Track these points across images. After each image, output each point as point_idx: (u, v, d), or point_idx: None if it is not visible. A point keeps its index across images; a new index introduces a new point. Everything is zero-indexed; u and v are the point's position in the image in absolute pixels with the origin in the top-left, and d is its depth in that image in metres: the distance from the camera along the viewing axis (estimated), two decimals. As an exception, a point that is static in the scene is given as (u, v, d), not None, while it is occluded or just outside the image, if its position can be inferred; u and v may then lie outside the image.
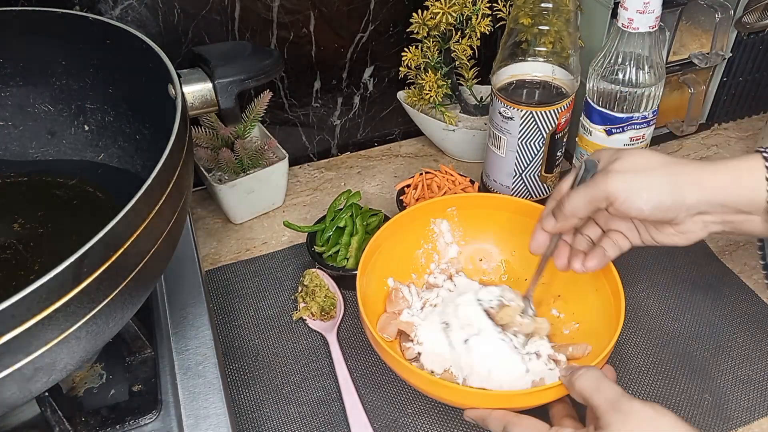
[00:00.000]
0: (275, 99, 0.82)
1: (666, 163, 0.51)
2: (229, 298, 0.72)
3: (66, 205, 0.60)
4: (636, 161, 0.51)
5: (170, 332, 0.58)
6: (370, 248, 0.63)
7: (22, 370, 0.38)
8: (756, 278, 0.72)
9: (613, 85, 0.67)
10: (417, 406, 0.61)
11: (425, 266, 0.70)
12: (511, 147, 0.73)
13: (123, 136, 0.62)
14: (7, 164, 0.63)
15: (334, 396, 0.62)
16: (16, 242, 0.57)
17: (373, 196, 0.85)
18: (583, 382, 0.49)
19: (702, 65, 0.82)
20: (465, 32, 0.80)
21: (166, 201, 0.45)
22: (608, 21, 0.74)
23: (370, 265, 0.63)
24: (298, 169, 0.90)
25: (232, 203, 0.79)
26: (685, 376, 0.63)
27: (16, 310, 0.35)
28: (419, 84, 0.84)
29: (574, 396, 0.51)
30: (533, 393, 0.53)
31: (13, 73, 0.61)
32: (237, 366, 0.65)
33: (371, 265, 0.64)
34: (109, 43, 0.57)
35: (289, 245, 0.78)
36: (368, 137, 0.94)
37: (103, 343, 0.45)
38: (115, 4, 0.70)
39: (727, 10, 0.77)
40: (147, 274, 0.45)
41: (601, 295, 0.61)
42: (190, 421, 0.51)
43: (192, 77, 0.55)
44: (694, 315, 0.69)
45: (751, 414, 0.60)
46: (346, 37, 0.83)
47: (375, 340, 0.56)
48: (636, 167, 0.51)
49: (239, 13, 0.76)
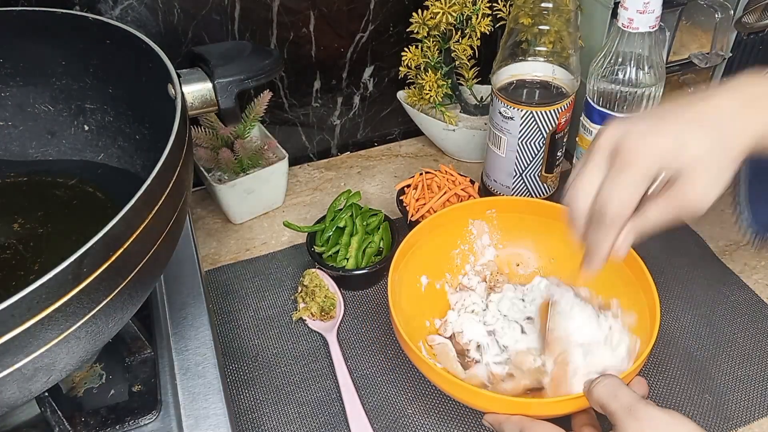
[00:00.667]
0: (275, 99, 0.82)
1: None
2: (229, 298, 0.72)
3: (66, 205, 0.60)
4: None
5: (170, 332, 0.58)
6: (406, 244, 0.63)
7: (22, 370, 0.38)
8: (756, 278, 0.72)
9: (614, 85, 0.67)
10: (417, 406, 0.61)
11: (460, 267, 0.70)
12: (512, 147, 0.73)
13: (123, 136, 0.62)
14: (7, 164, 0.63)
15: (334, 396, 0.62)
16: (16, 242, 0.57)
17: (373, 196, 0.85)
18: (601, 389, 0.49)
19: (702, 65, 0.81)
20: (465, 32, 0.80)
21: (166, 201, 0.45)
22: (608, 21, 0.74)
23: (403, 262, 0.63)
24: (298, 169, 0.90)
25: (231, 203, 0.79)
26: (685, 376, 0.63)
27: (16, 310, 0.35)
28: (419, 84, 0.84)
29: (592, 405, 0.50)
30: (556, 402, 0.53)
31: (13, 73, 0.61)
32: (237, 366, 0.65)
33: (405, 262, 0.63)
34: (109, 43, 0.57)
35: (289, 245, 0.78)
36: (368, 137, 0.94)
37: (103, 343, 0.45)
38: (115, 4, 0.70)
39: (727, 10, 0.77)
40: (147, 274, 0.45)
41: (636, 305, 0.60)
42: (190, 422, 0.51)
43: (192, 77, 0.55)
44: (694, 315, 0.68)
45: (751, 414, 0.60)
46: (346, 37, 0.83)
47: (402, 338, 0.56)
48: (705, 164, 0.44)
49: (239, 13, 0.76)
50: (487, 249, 0.70)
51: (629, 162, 0.44)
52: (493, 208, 0.69)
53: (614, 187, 0.44)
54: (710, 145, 0.44)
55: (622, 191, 0.44)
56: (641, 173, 0.44)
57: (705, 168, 0.44)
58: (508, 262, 0.71)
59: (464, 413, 0.60)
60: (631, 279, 0.61)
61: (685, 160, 0.44)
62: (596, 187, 0.46)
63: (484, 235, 0.70)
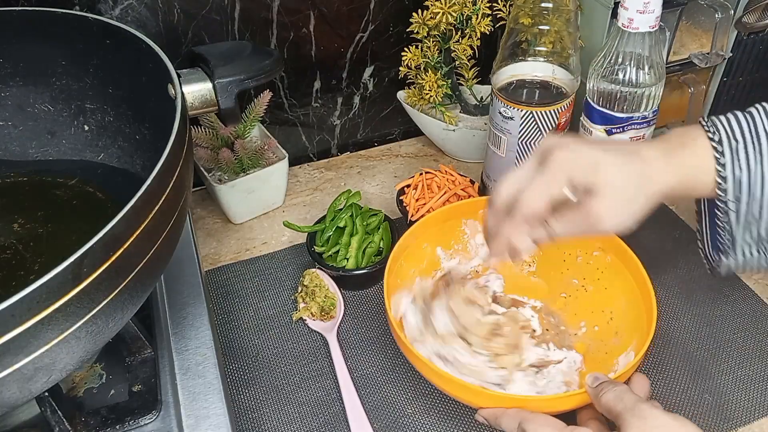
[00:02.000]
0: (275, 99, 0.82)
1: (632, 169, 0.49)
2: (229, 298, 0.72)
3: (66, 205, 0.60)
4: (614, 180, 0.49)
5: (170, 332, 0.58)
6: (399, 248, 0.63)
7: (22, 370, 0.38)
8: (756, 278, 0.72)
9: (614, 85, 0.67)
10: (417, 406, 0.61)
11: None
12: (512, 147, 0.73)
13: (123, 136, 0.62)
14: (7, 164, 0.63)
15: (334, 396, 0.62)
16: (16, 242, 0.57)
17: (373, 196, 0.85)
18: (609, 396, 0.50)
19: (702, 65, 0.81)
20: (465, 32, 0.80)
21: (166, 201, 0.45)
22: (608, 21, 0.74)
23: (397, 265, 0.63)
24: (298, 169, 0.90)
25: (232, 203, 0.79)
26: (685, 376, 0.63)
27: (16, 310, 0.35)
28: (419, 84, 0.84)
29: (600, 410, 0.51)
30: (554, 399, 0.53)
31: (13, 73, 0.61)
32: (237, 366, 0.65)
33: (399, 264, 0.63)
34: (109, 43, 0.57)
35: (289, 245, 0.78)
36: (368, 137, 0.94)
37: (103, 343, 0.45)
38: (115, 4, 0.70)
39: (727, 10, 0.77)
40: (147, 274, 0.45)
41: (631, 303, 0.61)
42: (190, 421, 0.51)
43: (192, 77, 0.55)
44: (694, 315, 0.68)
45: (751, 414, 0.60)
46: (346, 37, 0.83)
47: (399, 338, 0.56)
48: (615, 188, 0.48)
49: (239, 13, 0.76)
50: (480, 248, 0.70)
51: (547, 168, 0.49)
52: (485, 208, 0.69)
53: (529, 186, 0.49)
54: (624, 176, 0.48)
55: (534, 191, 0.49)
56: (555, 179, 0.48)
57: (613, 193, 0.48)
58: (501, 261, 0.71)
59: (464, 412, 0.60)
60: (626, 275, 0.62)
61: (597, 180, 0.48)
62: (519, 184, 0.50)
63: (478, 235, 0.70)
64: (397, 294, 0.62)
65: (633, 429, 0.46)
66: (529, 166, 0.50)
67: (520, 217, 0.50)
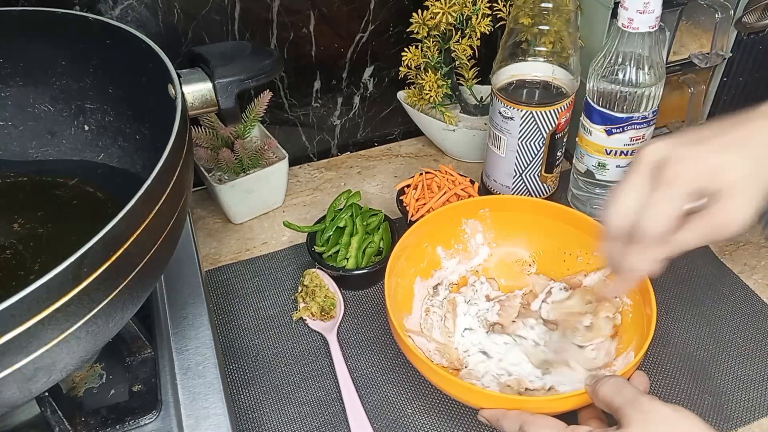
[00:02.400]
0: (275, 99, 0.82)
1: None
2: (229, 298, 0.72)
3: (66, 205, 0.60)
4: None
5: (170, 332, 0.58)
6: (399, 247, 0.63)
7: (22, 370, 0.38)
8: (756, 278, 0.72)
9: (613, 85, 0.67)
10: (417, 406, 0.61)
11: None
12: (511, 147, 0.73)
13: (123, 136, 0.62)
14: (7, 164, 0.63)
15: (334, 396, 0.62)
16: (16, 242, 0.57)
17: (373, 196, 0.85)
18: (606, 388, 0.49)
19: (702, 65, 0.81)
20: (465, 32, 0.80)
21: (166, 201, 0.45)
22: (608, 21, 0.74)
23: (398, 265, 0.63)
24: (298, 169, 0.90)
25: (232, 203, 0.79)
26: (685, 376, 0.63)
27: (16, 310, 0.35)
28: (419, 84, 0.84)
29: (598, 404, 0.51)
30: (555, 400, 0.53)
31: (13, 73, 0.61)
32: (237, 366, 0.65)
33: (399, 265, 0.63)
34: (109, 43, 0.57)
35: (289, 245, 0.78)
36: (368, 137, 0.94)
37: (103, 343, 0.45)
38: (115, 4, 0.70)
39: (727, 10, 0.77)
40: (147, 274, 0.45)
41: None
42: (190, 421, 0.51)
43: (192, 77, 0.55)
44: (694, 315, 0.68)
45: (751, 414, 0.60)
46: (346, 37, 0.83)
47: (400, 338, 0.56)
48: (740, 189, 0.45)
49: (239, 13, 0.76)
50: (481, 248, 0.70)
51: (669, 181, 0.45)
52: (486, 207, 0.69)
53: (650, 208, 0.45)
54: (748, 171, 0.45)
55: (656, 212, 0.45)
56: (680, 193, 0.45)
57: (741, 192, 0.45)
58: (501, 260, 0.71)
59: (464, 412, 0.60)
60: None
61: (723, 183, 0.45)
62: (635, 205, 0.46)
63: (478, 234, 0.70)
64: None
65: (634, 423, 0.46)
66: (637, 183, 0.47)
67: (648, 242, 0.46)
